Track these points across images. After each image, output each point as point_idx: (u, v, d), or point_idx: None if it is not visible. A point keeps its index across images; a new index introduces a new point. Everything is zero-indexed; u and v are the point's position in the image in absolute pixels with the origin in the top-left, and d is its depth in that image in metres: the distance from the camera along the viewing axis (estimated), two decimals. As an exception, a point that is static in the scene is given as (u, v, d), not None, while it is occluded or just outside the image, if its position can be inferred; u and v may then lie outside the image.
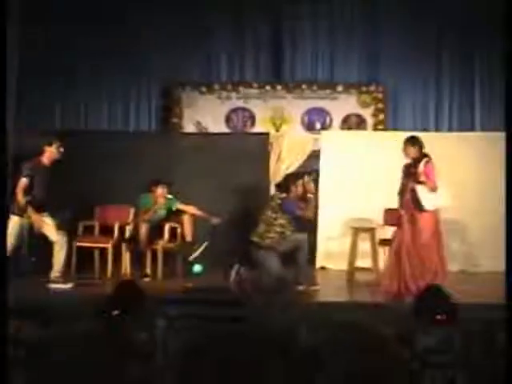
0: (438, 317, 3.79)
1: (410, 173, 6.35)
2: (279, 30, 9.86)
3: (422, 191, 6.27)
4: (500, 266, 5.98)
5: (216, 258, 7.75)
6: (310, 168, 9.12)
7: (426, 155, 6.36)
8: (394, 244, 6.46)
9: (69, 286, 6.75)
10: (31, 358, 3.52)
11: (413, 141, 6.42)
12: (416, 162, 6.35)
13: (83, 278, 7.25)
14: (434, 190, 6.26)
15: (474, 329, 3.71)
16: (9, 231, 6.40)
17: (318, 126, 9.75)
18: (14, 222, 6.64)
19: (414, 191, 6.29)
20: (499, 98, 8.72)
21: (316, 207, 7.72)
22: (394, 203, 6.62)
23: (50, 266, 6.83)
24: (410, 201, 6.30)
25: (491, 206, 7.67)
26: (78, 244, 7.46)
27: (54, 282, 6.72)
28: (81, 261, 7.52)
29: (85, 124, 9.84)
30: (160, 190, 7.64)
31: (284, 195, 7.04)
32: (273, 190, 8.80)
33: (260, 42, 9.90)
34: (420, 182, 6.28)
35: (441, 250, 6.37)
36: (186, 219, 7.64)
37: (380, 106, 9.66)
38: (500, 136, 6.31)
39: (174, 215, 7.76)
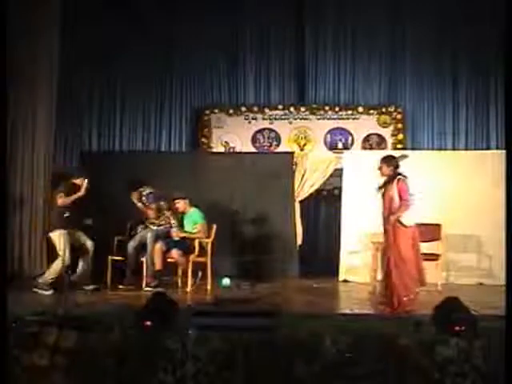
0: (457, 328, 4.09)
1: (385, 192, 6.37)
2: (303, 55, 10.24)
3: None
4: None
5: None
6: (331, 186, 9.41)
7: (399, 174, 6.39)
8: (384, 259, 6.54)
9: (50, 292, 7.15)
10: (68, 364, 3.84)
11: (388, 160, 6.47)
12: (389, 181, 6.37)
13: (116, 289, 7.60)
14: (408, 207, 6.30)
15: (490, 339, 3.99)
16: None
17: (340, 145, 10.05)
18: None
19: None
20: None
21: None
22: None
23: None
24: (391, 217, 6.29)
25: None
26: (112, 257, 7.79)
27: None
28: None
29: (120, 145, 10.27)
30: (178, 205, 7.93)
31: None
32: (298, 207, 9.12)
33: (285, 66, 10.30)
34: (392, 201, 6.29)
35: (420, 263, 6.42)
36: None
37: (399, 125, 9.95)
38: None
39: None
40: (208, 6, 9.98)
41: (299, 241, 9.09)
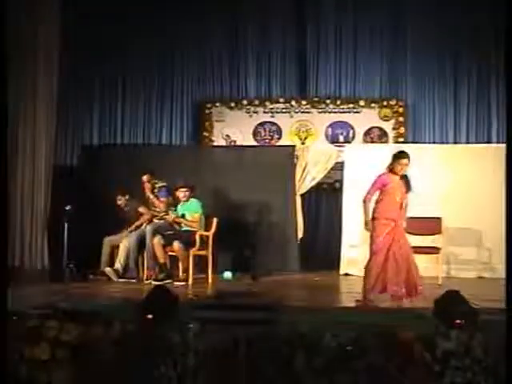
0: (457, 321, 4.04)
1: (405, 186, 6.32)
2: (304, 48, 10.22)
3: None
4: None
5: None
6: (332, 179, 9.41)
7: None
8: (382, 250, 6.29)
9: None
10: (71, 357, 3.84)
11: (407, 155, 6.31)
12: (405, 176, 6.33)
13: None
14: None
15: (491, 333, 3.92)
16: None
17: (341, 138, 10.05)
18: None
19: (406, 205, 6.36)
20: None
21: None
22: (413, 212, 6.75)
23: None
24: (403, 212, 6.34)
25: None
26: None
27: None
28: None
29: (121, 139, 10.29)
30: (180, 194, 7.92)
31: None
32: (299, 201, 9.13)
33: (286, 60, 10.28)
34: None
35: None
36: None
37: (400, 119, 9.95)
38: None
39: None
40: (209, 0, 9.98)
41: (300, 234, 9.10)
